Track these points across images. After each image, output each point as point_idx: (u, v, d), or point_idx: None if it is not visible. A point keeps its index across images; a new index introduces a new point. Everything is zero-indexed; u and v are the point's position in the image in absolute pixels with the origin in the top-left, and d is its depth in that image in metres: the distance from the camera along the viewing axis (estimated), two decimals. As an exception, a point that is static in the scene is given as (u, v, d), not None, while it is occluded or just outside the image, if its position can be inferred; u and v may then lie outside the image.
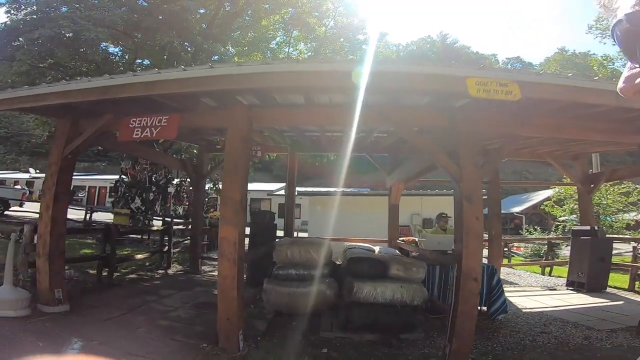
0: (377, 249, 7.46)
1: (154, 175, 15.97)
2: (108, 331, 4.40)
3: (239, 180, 4.31)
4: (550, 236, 13.46)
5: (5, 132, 39.31)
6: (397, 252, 7.29)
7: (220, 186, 19.50)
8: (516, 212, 23.97)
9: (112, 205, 16.13)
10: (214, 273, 9.05)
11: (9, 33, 10.55)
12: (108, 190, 29.53)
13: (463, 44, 52.00)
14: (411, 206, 12.22)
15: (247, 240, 8.64)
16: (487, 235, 8.46)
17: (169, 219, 10.29)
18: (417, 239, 9.11)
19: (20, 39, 9.72)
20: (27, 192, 19.66)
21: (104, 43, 11.01)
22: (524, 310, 6.37)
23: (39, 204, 17.67)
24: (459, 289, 3.94)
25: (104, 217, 16.53)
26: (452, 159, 4.35)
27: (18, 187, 21.69)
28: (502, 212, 14.83)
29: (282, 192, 27.07)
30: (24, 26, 9.78)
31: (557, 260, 11.11)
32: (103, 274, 6.78)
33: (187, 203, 17.74)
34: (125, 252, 9.84)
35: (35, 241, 4.76)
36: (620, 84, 0.46)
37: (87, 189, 30.69)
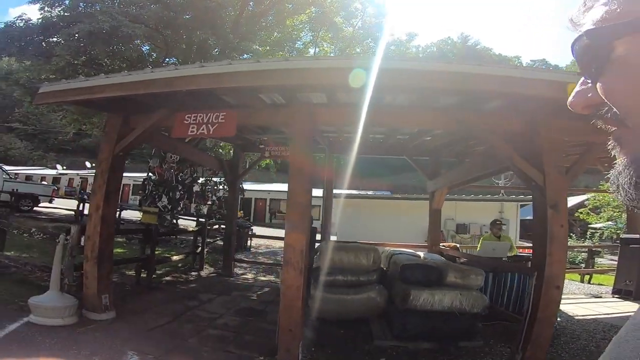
0: (421, 254, 7.06)
1: (180, 174, 15.75)
2: (159, 342, 4.04)
3: (305, 182, 3.94)
4: (589, 244, 12.77)
5: (33, 130, 39.78)
6: (442, 257, 6.87)
7: (244, 186, 19.24)
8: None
9: (139, 203, 15.94)
10: (246, 276, 8.70)
11: (45, 29, 10.36)
12: (131, 187, 29.53)
13: (485, 46, 50.28)
14: (445, 211, 11.63)
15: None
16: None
17: (203, 220, 9.95)
18: (457, 245, 8.66)
19: (58, 35, 9.51)
20: (57, 188, 19.65)
21: (138, 40, 10.74)
22: (576, 318, 6.11)
23: (66, 200, 17.55)
24: (539, 296, 3.71)
25: (130, 215, 16.35)
26: (534, 166, 3.98)
27: (44, 183, 21.74)
28: (527, 218, 14.18)
29: None
30: (59, 21, 9.56)
31: (597, 267, 10.48)
32: (141, 276, 6.46)
33: (210, 202, 17.49)
34: (156, 253, 9.57)
35: (82, 243, 4.42)
36: (570, 99, 0.43)
37: None
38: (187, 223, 14.47)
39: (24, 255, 7.47)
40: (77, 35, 8.21)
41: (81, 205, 13.68)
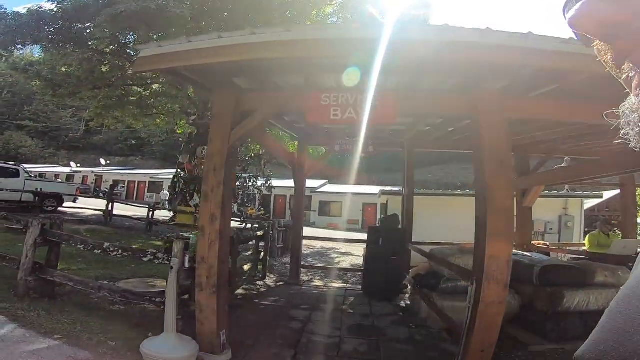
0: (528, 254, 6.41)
1: (210, 171, 14.50)
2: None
3: (507, 181, 2.81)
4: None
5: (44, 127, 37.80)
6: (545, 256, 6.27)
7: (273, 183, 17.98)
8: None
9: (169, 202, 14.65)
10: (315, 283, 7.57)
11: (80, 11, 8.95)
12: (147, 185, 28.05)
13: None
14: (506, 207, 10.60)
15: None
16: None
17: (268, 223, 8.77)
18: (547, 243, 7.77)
19: (98, 17, 8.14)
20: (80, 187, 18.21)
21: (174, 28, 9.42)
22: None
23: (87, 199, 15.95)
24: None
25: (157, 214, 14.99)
26: None
27: (59, 181, 20.30)
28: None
29: (325, 189, 25.76)
30: (97, 1, 8.23)
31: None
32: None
33: (240, 201, 16.28)
34: None
35: (186, 264, 3.24)
36: (573, 13, 0.34)
37: (126, 184, 29.15)
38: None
39: (73, 268, 6.25)
40: (123, 14, 6.88)
41: (110, 205, 12.39)
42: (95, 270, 6.37)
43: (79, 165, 30.90)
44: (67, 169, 29.99)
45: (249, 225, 14.02)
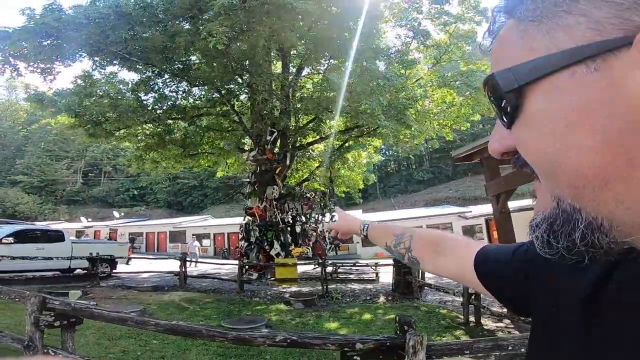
0: None
1: (280, 213, 12.76)
2: None
3: None
4: None
5: (39, 182, 33.94)
6: None
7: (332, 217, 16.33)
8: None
9: (244, 254, 12.55)
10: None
11: (142, 17, 7.28)
12: (168, 235, 25.20)
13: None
14: None
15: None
16: None
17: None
18: None
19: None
20: (132, 246, 15.63)
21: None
22: None
23: (138, 259, 13.37)
24: None
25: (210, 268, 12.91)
26: None
27: (110, 241, 17.61)
28: None
29: (364, 217, 23.94)
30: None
31: None
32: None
33: (314, 243, 14.49)
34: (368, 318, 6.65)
35: None
36: (489, 142, 0.38)
37: (144, 235, 26.05)
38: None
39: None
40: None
41: (184, 265, 10.30)
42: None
43: (89, 219, 27.58)
44: (76, 225, 26.49)
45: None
